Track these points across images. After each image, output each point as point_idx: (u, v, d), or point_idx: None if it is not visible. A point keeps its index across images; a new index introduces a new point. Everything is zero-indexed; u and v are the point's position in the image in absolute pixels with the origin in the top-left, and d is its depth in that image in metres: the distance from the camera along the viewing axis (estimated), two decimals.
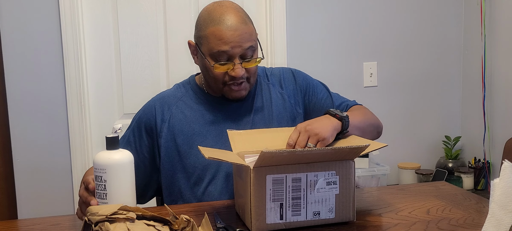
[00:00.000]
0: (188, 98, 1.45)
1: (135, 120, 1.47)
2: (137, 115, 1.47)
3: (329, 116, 1.28)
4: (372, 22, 2.66)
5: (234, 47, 1.29)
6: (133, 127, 1.46)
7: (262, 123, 1.43)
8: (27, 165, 2.35)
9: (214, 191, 1.38)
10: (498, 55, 2.54)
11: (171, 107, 1.43)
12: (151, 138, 1.43)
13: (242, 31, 1.30)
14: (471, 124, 2.76)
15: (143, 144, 1.43)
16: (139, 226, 0.88)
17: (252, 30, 1.34)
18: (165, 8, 2.45)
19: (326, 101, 1.49)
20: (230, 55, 1.30)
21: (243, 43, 1.30)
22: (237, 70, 1.31)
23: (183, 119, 1.41)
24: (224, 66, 1.32)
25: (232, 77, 1.33)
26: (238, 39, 1.29)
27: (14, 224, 1.32)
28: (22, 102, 2.32)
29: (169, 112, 1.42)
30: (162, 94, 1.48)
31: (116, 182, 1.11)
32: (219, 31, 1.29)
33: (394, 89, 2.73)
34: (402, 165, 2.65)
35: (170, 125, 1.41)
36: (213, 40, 1.30)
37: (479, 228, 1.05)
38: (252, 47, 1.33)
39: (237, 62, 1.31)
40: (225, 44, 1.29)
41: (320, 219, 1.08)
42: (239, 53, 1.30)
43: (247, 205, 1.06)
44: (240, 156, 1.20)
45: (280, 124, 1.43)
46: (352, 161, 1.09)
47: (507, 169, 0.86)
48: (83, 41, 2.34)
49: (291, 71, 1.53)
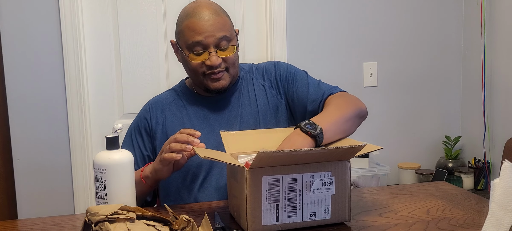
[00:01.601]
0: (179, 100, 1.49)
1: (132, 126, 1.51)
2: (133, 122, 1.52)
3: (300, 132, 1.21)
4: (372, 22, 2.66)
5: (208, 36, 1.34)
6: (132, 132, 1.49)
7: (250, 116, 1.46)
8: (27, 165, 2.35)
9: (209, 186, 1.41)
10: (498, 55, 2.54)
11: (164, 110, 1.47)
12: (150, 137, 1.47)
13: (214, 21, 1.35)
14: (471, 124, 2.76)
15: (146, 144, 1.47)
16: (139, 226, 0.88)
17: (226, 21, 1.39)
18: (165, 8, 2.45)
19: (303, 92, 1.45)
20: (204, 44, 1.35)
21: (216, 33, 1.34)
22: (212, 59, 1.35)
23: (175, 120, 1.45)
24: (200, 56, 1.36)
25: (209, 66, 1.36)
26: (211, 29, 1.34)
27: (14, 224, 1.32)
28: (22, 102, 2.32)
29: (163, 115, 1.47)
30: (155, 98, 1.53)
31: (116, 182, 1.12)
32: (192, 24, 1.35)
33: (394, 89, 2.73)
34: (402, 165, 2.65)
35: (163, 127, 1.45)
36: (187, 33, 1.36)
37: (479, 228, 1.05)
38: (227, 37, 1.36)
39: (212, 51, 1.35)
40: (199, 35, 1.34)
41: (316, 220, 1.08)
42: (213, 43, 1.35)
43: (243, 207, 1.06)
44: (233, 156, 1.20)
45: (265, 115, 1.46)
46: (348, 161, 1.09)
47: (507, 169, 0.86)
48: (83, 41, 2.34)
49: (274, 63, 1.54)
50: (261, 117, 1.46)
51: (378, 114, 2.71)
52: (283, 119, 1.48)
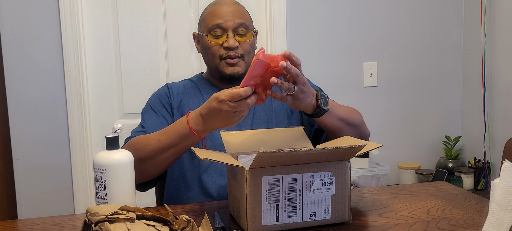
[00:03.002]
0: (196, 88, 1.52)
1: (153, 101, 1.50)
2: (152, 98, 1.51)
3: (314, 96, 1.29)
4: (372, 22, 2.66)
5: (227, 20, 1.42)
6: (155, 106, 1.48)
7: (263, 113, 1.49)
8: (27, 165, 2.35)
9: (213, 172, 1.43)
10: (498, 55, 2.54)
11: (180, 94, 1.50)
12: (170, 113, 1.48)
13: (234, 9, 1.45)
14: (471, 124, 2.76)
15: (169, 117, 1.47)
16: (139, 226, 0.88)
17: (245, 12, 1.48)
18: (165, 8, 2.45)
19: None
20: (224, 28, 1.42)
21: (235, 18, 1.43)
22: (230, 41, 1.42)
23: (192, 104, 1.47)
24: (218, 38, 1.43)
25: (227, 48, 1.43)
26: (230, 14, 1.43)
27: (14, 224, 1.32)
28: (22, 102, 2.32)
29: (180, 97, 1.50)
30: (171, 84, 1.55)
31: (116, 182, 1.12)
32: (214, 10, 1.45)
33: (394, 89, 2.73)
34: (402, 165, 2.65)
35: (180, 108, 1.47)
36: (209, 18, 1.45)
37: (479, 228, 1.05)
38: (245, 24, 1.44)
39: (230, 34, 1.42)
40: (219, 18, 1.42)
41: (316, 220, 1.08)
42: (231, 27, 1.42)
43: (243, 207, 1.06)
44: (233, 156, 1.20)
45: (278, 114, 1.49)
46: (348, 161, 1.09)
47: (507, 169, 0.86)
48: (83, 41, 2.34)
49: None
50: (274, 115, 1.48)
51: (378, 115, 2.71)
52: (296, 121, 1.51)
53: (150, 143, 1.29)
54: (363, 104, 2.68)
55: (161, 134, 1.29)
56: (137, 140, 1.33)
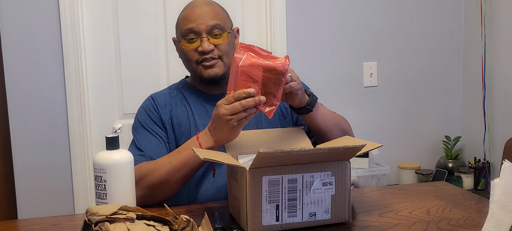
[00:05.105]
0: (181, 95, 1.50)
1: (142, 119, 1.47)
2: (140, 116, 1.48)
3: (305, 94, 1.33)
4: (372, 22, 2.66)
5: (200, 24, 1.39)
6: (146, 125, 1.46)
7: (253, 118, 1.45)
8: (27, 165, 2.35)
9: (209, 176, 1.42)
10: (498, 55, 2.54)
11: (167, 106, 1.48)
12: (162, 128, 1.46)
13: (207, 10, 1.41)
14: (471, 124, 2.76)
15: (163, 133, 1.45)
16: (139, 226, 0.88)
17: (219, 11, 1.44)
18: (165, 8, 2.45)
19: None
20: (196, 31, 1.39)
21: (208, 21, 1.39)
22: (204, 45, 1.39)
23: (180, 113, 1.46)
24: (192, 43, 1.41)
25: (201, 52, 1.40)
26: (202, 16, 1.39)
27: (14, 224, 1.32)
28: (22, 102, 2.32)
29: (168, 107, 1.47)
30: (154, 94, 1.53)
31: (116, 182, 1.12)
32: (186, 14, 1.43)
33: (394, 89, 2.73)
34: (402, 165, 2.65)
35: (171, 119, 1.45)
36: (182, 22, 1.43)
37: (479, 228, 1.05)
38: (220, 25, 1.40)
39: (203, 37, 1.39)
40: (191, 22, 1.40)
41: (316, 220, 1.08)
42: (205, 30, 1.39)
43: (243, 207, 1.06)
44: (233, 156, 1.20)
45: (271, 119, 1.46)
46: (348, 161, 1.09)
47: (507, 169, 0.86)
48: (83, 41, 2.34)
49: None
50: (264, 116, 1.46)
51: (378, 114, 2.71)
52: (289, 123, 1.49)
53: (162, 167, 1.29)
54: (363, 104, 2.68)
55: (172, 155, 1.31)
56: (146, 166, 1.33)
